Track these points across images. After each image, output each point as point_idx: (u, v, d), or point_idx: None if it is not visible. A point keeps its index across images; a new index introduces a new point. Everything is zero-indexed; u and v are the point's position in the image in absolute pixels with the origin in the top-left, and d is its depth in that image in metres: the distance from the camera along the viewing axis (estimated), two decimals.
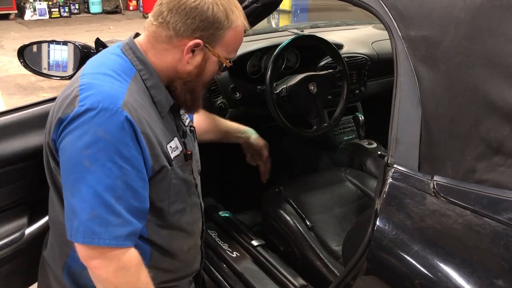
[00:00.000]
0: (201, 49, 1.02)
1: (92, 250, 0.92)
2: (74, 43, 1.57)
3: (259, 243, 1.64)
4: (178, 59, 1.02)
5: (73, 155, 0.91)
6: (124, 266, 0.94)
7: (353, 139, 2.24)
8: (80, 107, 0.91)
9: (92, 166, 0.89)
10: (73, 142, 0.91)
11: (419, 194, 0.87)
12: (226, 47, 1.05)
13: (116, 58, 1.03)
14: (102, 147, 0.89)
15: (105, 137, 0.89)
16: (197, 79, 1.07)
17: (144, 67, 1.02)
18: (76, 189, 0.91)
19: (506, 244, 0.75)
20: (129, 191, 0.93)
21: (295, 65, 2.04)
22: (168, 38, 1.00)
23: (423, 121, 0.89)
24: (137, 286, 0.97)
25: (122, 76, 0.99)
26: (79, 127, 0.91)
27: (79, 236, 0.91)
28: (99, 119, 0.90)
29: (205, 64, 1.05)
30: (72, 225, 0.92)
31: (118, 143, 0.91)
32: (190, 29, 0.99)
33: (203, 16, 0.98)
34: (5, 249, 1.30)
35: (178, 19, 0.98)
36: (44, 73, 1.60)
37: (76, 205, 0.91)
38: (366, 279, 0.96)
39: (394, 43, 0.95)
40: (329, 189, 1.75)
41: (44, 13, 10.16)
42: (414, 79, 0.90)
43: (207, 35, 1.00)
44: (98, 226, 0.90)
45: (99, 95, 0.92)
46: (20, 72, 5.56)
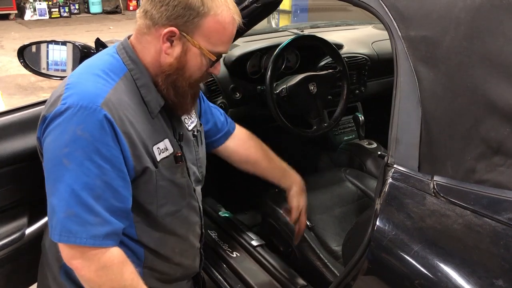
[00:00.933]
0: (178, 38, 0.98)
1: (72, 249, 0.92)
2: (74, 43, 1.57)
3: (259, 243, 1.64)
4: (159, 50, 1.00)
5: (52, 153, 0.92)
6: (105, 265, 0.94)
7: (353, 139, 2.24)
8: (62, 106, 0.92)
9: (70, 165, 0.89)
10: (53, 140, 0.92)
11: (419, 194, 0.87)
12: (207, 37, 0.99)
13: (109, 58, 1.03)
14: (80, 145, 0.89)
15: (83, 135, 0.89)
16: (179, 72, 1.02)
17: (135, 66, 1.02)
18: (55, 188, 0.91)
19: (506, 244, 0.75)
20: (109, 190, 0.93)
21: (295, 65, 2.04)
22: (147, 28, 0.99)
23: (423, 121, 0.89)
24: (121, 283, 0.97)
25: (110, 75, 0.98)
26: (59, 125, 0.91)
27: (56, 234, 0.91)
28: (77, 117, 0.90)
29: (185, 55, 1.00)
30: (51, 223, 0.92)
31: (96, 141, 0.90)
32: (164, 17, 0.96)
33: (176, 1, 0.95)
34: (5, 249, 1.30)
35: (153, 7, 0.97)
36: (44, 73, 1.60)
37: (55, 203, 0.91)
38: (366, 279, 0.96)
39: (394, 43, 0.95)
40: (329, 189, 1.75)
41: (44, 13, 10.17)
42: (414, 79, 0.90)
43: (182, 23, 0.97)
44: (75, 224, 0.90)
45: (80, 94, 0.92)
46: (20, 72, 5.56)
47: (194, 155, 1.20)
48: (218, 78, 1.80)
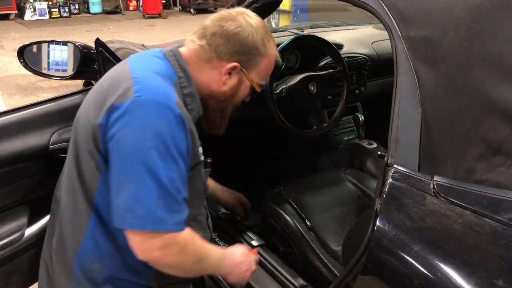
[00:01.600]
0: (237, 72, 1.11)
1: (154, 239, 0.96)
2: (74, 43, 1.57)
3: (259, 243, 1.64)
4: (214, 79, 1.10)
5: (135, 146, 0.94)
6: (184, 246, 1.01)
7: (353, 139, 2.24)
8: (137, 98, 0.95)
9: (156, 158, 0.93)
10: (133, 133, 0.94)
11: (419, 194, 0.87)
12: (259, 73, 1.14)
13: (159, 61, 1.08)
14: (163, 140, 0.94)
15: (164, 131, 0.94)
16: (229, 100, 1.15)
17: (184, 75, 1.08)
18: (140, 179, 0.93)
19: (506, 244, 0.75)
20: (182, 183, 0.98)
21: (295, 65, 2.04)
22: (208, 58, 1.09)
23: (423, 121, 0.89)
24: (198, 255, 1.05)
25: (166, 78, 1.04)
26: (138, 118, 0.94)
27: (148, 223, 0.94)
28: (158, 113, 0.95)
29: (239, 87, 1.13)
30: (136, 214, 0.93)
31: (175, 137, 0.96)
32: (229, 53, 1.07)
33: (243, 41, 1.07)
34: (5, 249, 1.30)
35: (220, 43, 1.07)
36: (44, 73, 1.60)
37: (142, 194, 0.94)
38: (366, 279, 0.96)
39: (394, 43, 0.95)
40: (329, 189, 1.75)
41: (44, 13, 10.16)
42: (414, 79, 0.90)
43: (244, 60, 1.09)
44: (164, 213, 0.94)
45: (155, 90, 0.98)
46: (20, 72, 5.56)
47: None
48: None
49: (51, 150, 1.33)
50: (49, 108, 1.36)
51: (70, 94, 1.44)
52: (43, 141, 1.31)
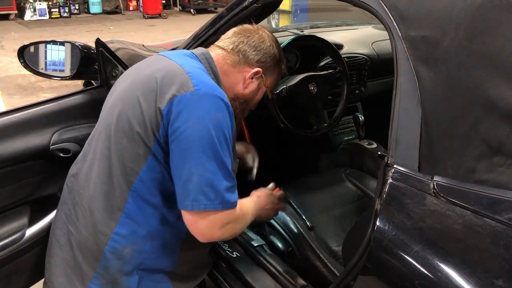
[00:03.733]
0: (258, 77, 1.24)
1: (221, 217, 1.05)
2: (74, 43, 1.57)
3: (259, 243, 1.64)
4: (238, 82, 1.22)
5: (203, 136, 1.02)
6: (237, 220, 1.12)
7: (353, 139, 2.24)
8: (197, 90, 1.04)
9: (219, 145, 1.02)
10: (199, 124, 1.02)
11: (419, 194, 0.87)
12: (273, 81, 1.31)
13: (196, 62, 1.17)
14: (223, 130, 1.04)
15: (223, 121, 1.04)
16: (248, 102, 1.29)
17: (215, 76, 1.17)
18: (209, 165, 1.02)
19: (506, 244, 0.75)
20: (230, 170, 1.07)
21: (295, 65, 2.04)
22: (235, 63, 1.21)
23: (423, 122, 0.89)
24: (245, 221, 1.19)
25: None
26: (201, 106, 1.03)
27: (218, 203, 1.03)
28: (217, 105, 1.04)
29: (258, 91, 1.27)
30: (208, 196, 1.02)
31: (229, 127, 1.06)
32: (255, 59, 1.22)
33: (266, 50, 1.23)
34: (6, 249, 1.30)
35: (247, 49, 1.21)
36: (44, 73, 1.60)
37: (212, 178, 1.02)
38: (366, 279, 0.97)
39: (394, 44, 0.95)
40: (329, 189, 1.75)
41: (44, 13, 10.16)
42: (414, 79, 0.90)
43: (265, 67, 1.24)
44: (230, 193, 1.05)
45: (210, 84, 1.08)
46: (20, 73, 5.56)
47: None
48: None
49: (51, 150, 1.34)
50: (50, 108, 1.36)
51: (70, 94, 1.45)
52: (44, 141, 1.31)
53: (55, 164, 1.35)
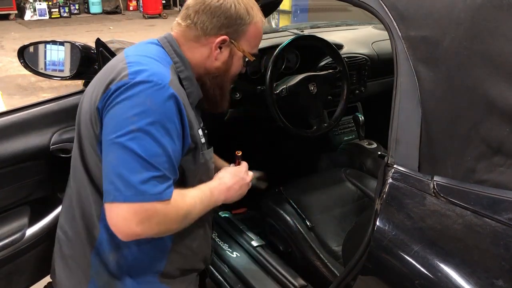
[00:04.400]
0: (227, 45, 1.12)
1: (137, 210, 0.95)
2: (74, 43, 1.57)
3: (259, 243, 1.64)
4: (206, 56, 1.12)
5: (120, 123, 0.96)
6: (165, 214, 0.99)
7: (353, 139, 2.24)
8: (131, 79, 0.97)
9: (138, 133, 0.95)
10: (124, 111, 0.96)
11: (419, 194, 0.87)
12: (249, 42, 1.15)
13: (155, 47, 1.11)
14: (149, 116, 0.95)
15: (152, 107, 0.96)
16: (225, 74, 1.17)
17: (180, 59, 1.11)
18: (121, 153, 0.95)
19: (506, 244, 0.75)
20: (167, 157, 0.98)
21: (295, 65, 2.04)
22: (196, 37, 1.11)
23: (423, 122, 0.89)
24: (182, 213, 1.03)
25: (163, 62, 1.06)
26: (129, 97, 0.96)
27: (131, 195, 0.94)
28: (149, 91, 0.96)
29: (232, 59, 1.15)
30: (117, 186, 0.94)
31: (162, 115, 0.97)
32: (216, 27, 1.09)
33: (227, 13, 1.08)
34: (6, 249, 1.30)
35: (204, 19, 1.09)
36: (44, 73, 1.60)
37: (122, 167, 0.95)
38: (366, 279, 0.97)
39: (394, 44, 0.95)
40: (329, 189, 1.75)
41: (44, 13, 10.17)
42: (414, 79, 0.90)
43: (231, 31, 1.10)
44: (149, 185, 0.95)
45: (149, 70, 0.99)
46: (20, 73, 5.56)
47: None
48: None
49: (51, 150, 1.33)
50: (50, 108, 1.35)
51: (70, 94, 1.44)
52: (44, 142, 1.31)
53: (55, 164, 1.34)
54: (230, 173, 1.23)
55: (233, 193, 1.21)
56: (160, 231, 1.02)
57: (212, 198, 1.14)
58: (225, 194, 1.18)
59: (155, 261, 1.15)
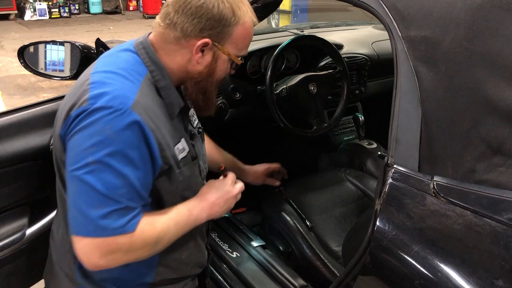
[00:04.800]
0: (210, 48, 1.02)
1: (99, 244, 0.93)
2: (74, 43, 1.57)
3: (259, 243, 1.64)
4: (188, 59, 1.03)
5: (80, 155, 0.91)
6: (130, 244, 0.96)
7: (353, 139, 2.24)
8: (90, 105, 0.91)
9: (99, 167, 0.90)
10: (82, 141, 0.92)
11: (419, 194, 0.87)
12: (236, 44, 1.04)
13: (128, 56, 1.03)
14: (110, 148, 0.90)
15: (112, 137, 0.90)
16: (208, 79, 1.07)
17: (156, 67, 1.02)
18: (79, 187, 0.91)
19: (506, 244, 0.75)
20: (133, 190, 0.94)
21: (295, 65, 2.04)
22: (176, 39, 1.01)
23: (423, 122, 0.89)
24: (152, 241, 0.99)
25: (134, 75, 0.99)
26: (88, 126, 0.91)
27: (91, 230, 0.91)
28: (108, 119, 0.90)
29: (216, 63, 1.05)
30: (78, 221, 0.92)
31: (123, 143, 0.91)
32: (197, 29, 0.99)
33: (209, 14, 0.98)
34: (5, 249, 1.30)
35: (184, 20, 0.98)
36: (44, 73, 1.60)
37: (81, 201, 0.91)
38: (366, 279, 0.96)
39: (394, 44, 0.95)
40: (329, 189, 1.75)
41: (44, 13, 10.17)
42: (414, 80, 0.90)
43: (215, 34, 1.00)
44: (109, 220, 0.91)
45: (110, 94, 0.92)
46: (20, 73, 5.57)
47: (201, 151, 1.22)
48: None
49: (51, 150, 1.33)
50: (50, 109, 1.35)
51: None
52: (44, 142, 1.31)
53: None
54: (214, 187, 1.15)
55: (217, 209, 1.14)
56: (128, 260, 0.99)
57: (191, 218, 1.08)
58: (208, 211, 1.11)
59: (142, 275, 1.12)
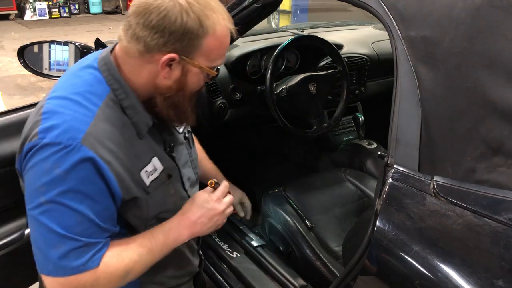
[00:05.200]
0: (178, 62, 0.93)
1: (66, 281, 0.91)
2: (74, 43, 1.57)
3: (259, 243, 1.64)
4: (155, 74, 0.94)
5: (33, 195, 0.88)
6: (96, 279, 0.93)
7: (353, 139, 2.25)
8: (40, 140, 0.87)
9: (53, 207, 0.87)
10: (33, 180, 0.88)
11: (419, 194, 0.87)
12: (207, 56, 0.95)
13: (89, 75, 0.96)
14: (61, 187, 0.86)
15: (62, 175, 0.85)
16: (178, 94, 0.98)
17: (119, 86, 0.95)
18: (35, 228, 0.89)
19: (506, 244, 0.75)
20: (92, 226, 0.91)
21: (295, 65, 2.04)
22: (140, 53, 0.92)
23: (423, 122, 0.89)
24: (120, 273, 0.96)
25: (91, 100, 0.93)
26: (37, 164, 0.87)
27: (51, 270, 0.89)
28: (56, 157, 0.85)
29: (186, 77, 0.96)
30: (39, 260, 0.91)
31: (75, 180, 0.87)
32: (160, 44, 0.90)
33: (172, 28, 0.88)
34: (5, 249, 1.30)
35: (146, 33, 0.89)
36: (44, 73, 1.61)
37: (38, 242, 0.90)
38: (366, 279, 0.96)
39: (394, 44, 0.95)
40: (329, 189, 1.76)
41: (44, 13, 10.17)
42: (414, 80, 0.90)
43: (180, 48, 0.91)
44: (69, 259, 0.89)
45: (60, 126, 0.87)
46: (20, 73, 5.57)
47: (188, 157, 1.18)
48: (218, 78, 1.80)
49: None
50: None
51: None
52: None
53: None
54: (196, 205, 1.07)
55: (200, 227, 1.06)
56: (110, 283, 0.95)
57: (168, 241, 1.02)
58: (189, 231, 1.05)
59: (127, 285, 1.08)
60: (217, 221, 1.10)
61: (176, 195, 1.11)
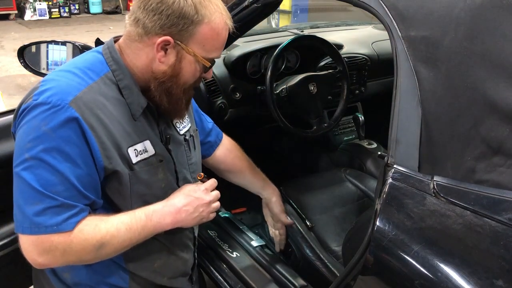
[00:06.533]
0: (173, 47, 0.98)
1: (36, 242, 0.92)
2: (74, 43, 1.57)
3: (259, 243, 1.64)
4: (152, 58, 1.00)
5: (19, 151, 0.92)
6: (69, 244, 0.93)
7: (353, 139, 2.24)
8: (32, 101, 0.92)
9: (32, 161, 0.90)
10: (22, 137, 0.92)
11: (419, 194, 0.87)
12: (202, 45, 0.99)
13: (91, 57, 1.03)
14: (43, 142, 0.90)
15: (47, 133, 0.89)
16: (172, 79, 1.02)
17: (118, 67, 1.01)
18: (17, 184, 0.92)
19: (506, 244, 0.75)
20: (72, 188, 0.93)
21: (295, 65, 2.04)
22: (139, 36, 0.99)
23: (423, 122, 0.89)
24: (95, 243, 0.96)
25: (88, 74, 0.98)
26: (28, 122, 0.92)
27: (26, 227, 0.91)
28: (44, 114, 0.90)
29: (180, 63, 1.01)
30: (17, 218, 0.93)
31: (60, 139, 0.90)
32: (157, 26, 0.96)
33: (169, 10, 0.94)
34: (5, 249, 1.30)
35: (145, 16, 0.96)
36: (43, 73, 1.61)
37: (18, 198, 0.92)
38: (366, 279, 0.96)
39: (394, 44, 0.95)
40: (329, 189, 1.75)
41: (44, 13, 10.18)
42: (414, 80, 0.90)
43: (175, 32, 0.97)
44: (43, 216, 0.91)
45: (52, 89, 0.92)
46: (20, 73, 5.57)
47: (186, 159, 1.19)
48: (218, 78, 1.80)
49: None
50: None
51: None
52: None
53: None
54: (182, 193, 1.09)
55: (185, 216, 1.07)
56: (69, 261, 0.97)
57: (150, 223, 1.02)
58: (173, 218, 1.05)
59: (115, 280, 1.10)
60: (202, 212, 1.11)
61: (165, 181, 1.11)
